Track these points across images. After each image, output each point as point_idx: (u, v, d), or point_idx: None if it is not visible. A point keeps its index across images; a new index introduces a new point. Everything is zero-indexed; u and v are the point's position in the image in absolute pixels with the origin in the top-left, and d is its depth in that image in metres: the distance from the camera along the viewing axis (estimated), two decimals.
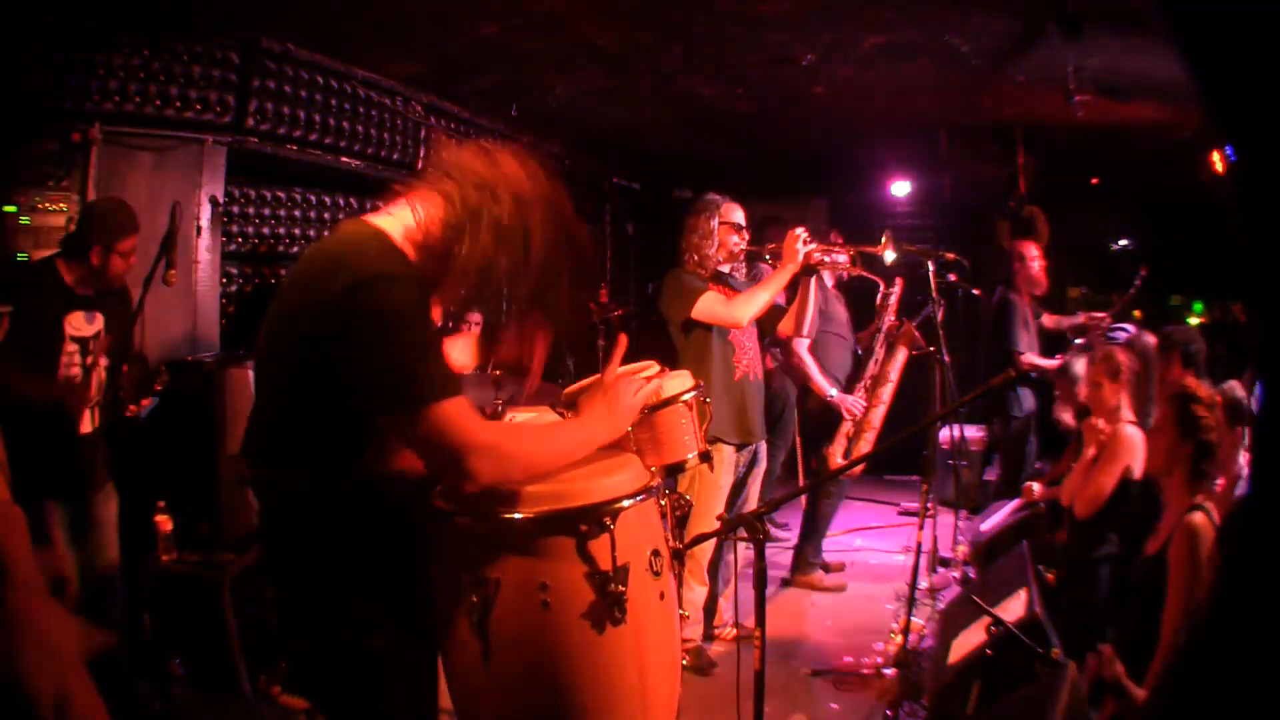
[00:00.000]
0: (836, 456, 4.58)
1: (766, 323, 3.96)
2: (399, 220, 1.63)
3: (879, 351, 4.73)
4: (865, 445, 4.56)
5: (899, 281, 4.74)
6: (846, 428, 4.61)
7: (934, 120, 6.20)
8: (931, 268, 4.07)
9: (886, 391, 4.69)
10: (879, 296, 4.80)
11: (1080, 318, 5.73)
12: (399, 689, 1.66)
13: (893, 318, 4.76)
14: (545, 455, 1.63)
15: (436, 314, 1.67)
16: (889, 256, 3.96)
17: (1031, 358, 5.30)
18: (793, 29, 4.21)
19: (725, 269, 3.93)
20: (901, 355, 4.74)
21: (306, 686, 1.78)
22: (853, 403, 4.62)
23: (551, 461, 1.64)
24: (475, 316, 5.74)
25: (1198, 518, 2.52)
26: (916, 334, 4.75)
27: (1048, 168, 6.93)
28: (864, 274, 4.77)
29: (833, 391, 4.63)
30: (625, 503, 1.60)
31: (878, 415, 4.67)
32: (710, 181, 4.46)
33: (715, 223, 3.84)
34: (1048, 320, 5.77)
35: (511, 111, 5.65)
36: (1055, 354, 5.38)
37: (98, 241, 3.06)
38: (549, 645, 1.54)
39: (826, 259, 3.86)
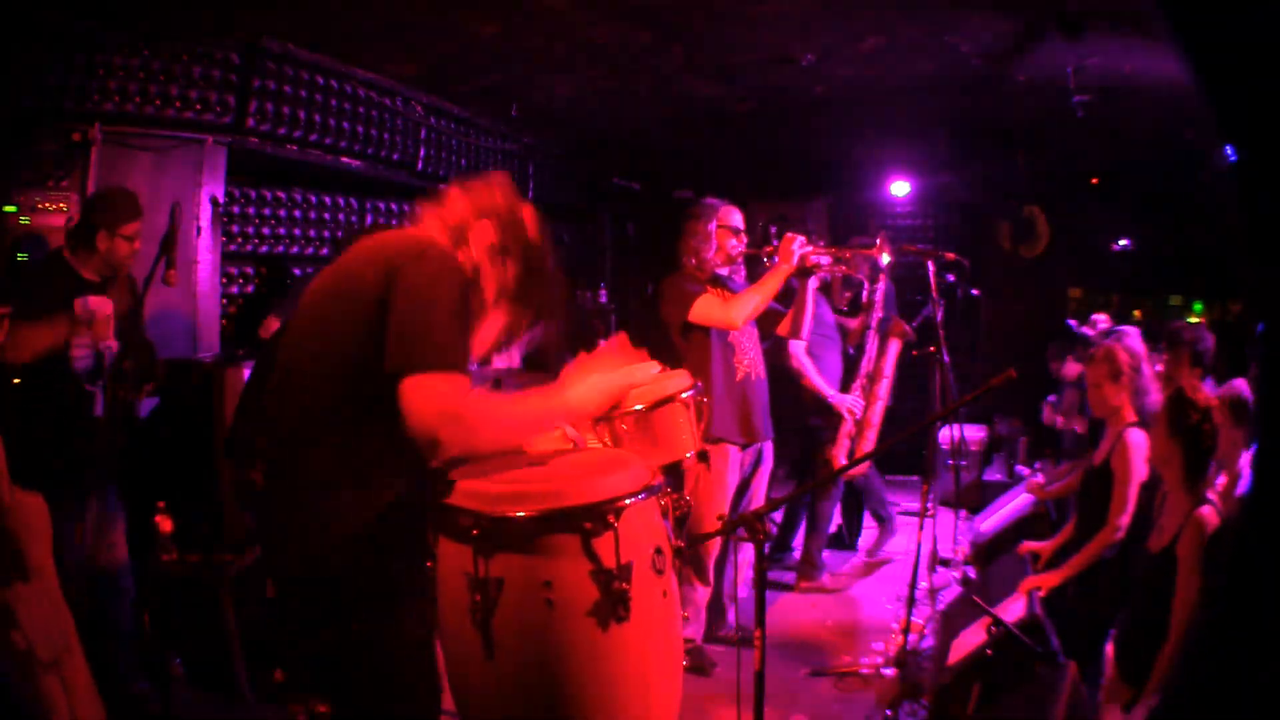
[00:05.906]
0: (840, 457, 4.58)
1: (765, 324, 3.96)
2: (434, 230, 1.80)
3: (871, 348, 4.72)
4: (867, 443, 4.56)
5: (882, 278, 4.73)
6: (848, 427, 4.61)
7: (934, 120, 6.20)
8: (931, 268, 4.06)
9: (883, 387, 4.69)
10: (864, 294, 4.79)
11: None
12: (411, 683, 1.66)
13: (880, 313, 4.75)
14: (510, 424, 1.68)
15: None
16: (884, 259, 3.96)
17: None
18: (793, 29, 4.21)
19: (724, 272, 3.94)
20: (894, 349, 4.73)
21: (316, 683, 1.78)
22: (851, 402, 4.62)
23: (516, 430, 1.70)
24: None
25: (1205, 511, 2.54)
26: (905, 326, 4.74)
27: (1048, 168, 6.93)
28: (850, 274, 4.74)
29: (831, 392, 4.63)
30: (629, 500, 1.60)
31: (877, 412, 4.67)
32: (710, 182, 4.46)
33: (713, 226, 3.85)
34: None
35: (511, 112, 5.65)
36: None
37: (102, 226, 3.10)
38: (553, 643, 1.54)
39: (823, 261, 3.86)
